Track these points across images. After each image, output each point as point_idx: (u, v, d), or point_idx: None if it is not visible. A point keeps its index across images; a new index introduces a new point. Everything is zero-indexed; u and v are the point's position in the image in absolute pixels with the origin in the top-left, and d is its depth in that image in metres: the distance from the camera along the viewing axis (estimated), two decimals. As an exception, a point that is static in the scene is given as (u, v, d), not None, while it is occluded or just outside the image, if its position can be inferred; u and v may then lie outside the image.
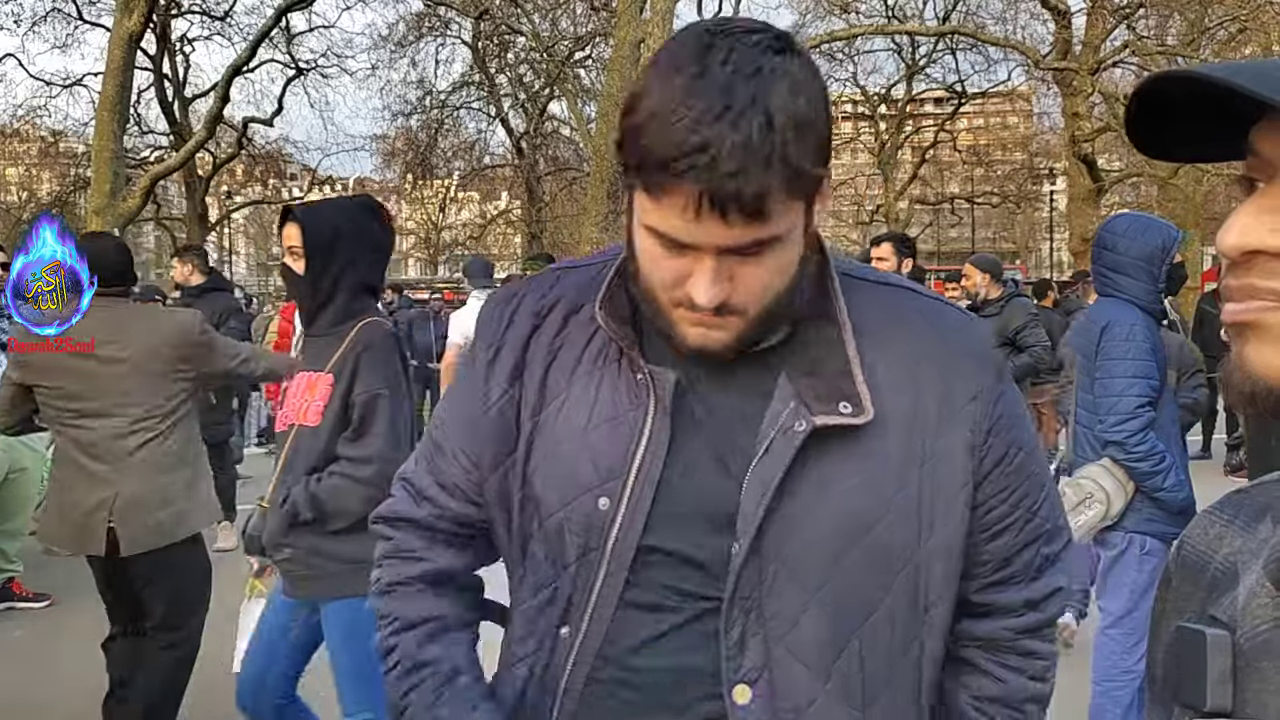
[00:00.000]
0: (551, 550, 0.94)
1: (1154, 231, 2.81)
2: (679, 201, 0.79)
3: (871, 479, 0.89)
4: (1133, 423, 2.68)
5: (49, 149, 25.29)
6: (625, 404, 0.91)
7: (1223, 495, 0.66)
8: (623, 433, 0.91)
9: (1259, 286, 0.53)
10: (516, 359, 0.98)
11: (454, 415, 1.04)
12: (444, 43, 22.99)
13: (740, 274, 0.84)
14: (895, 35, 22.86)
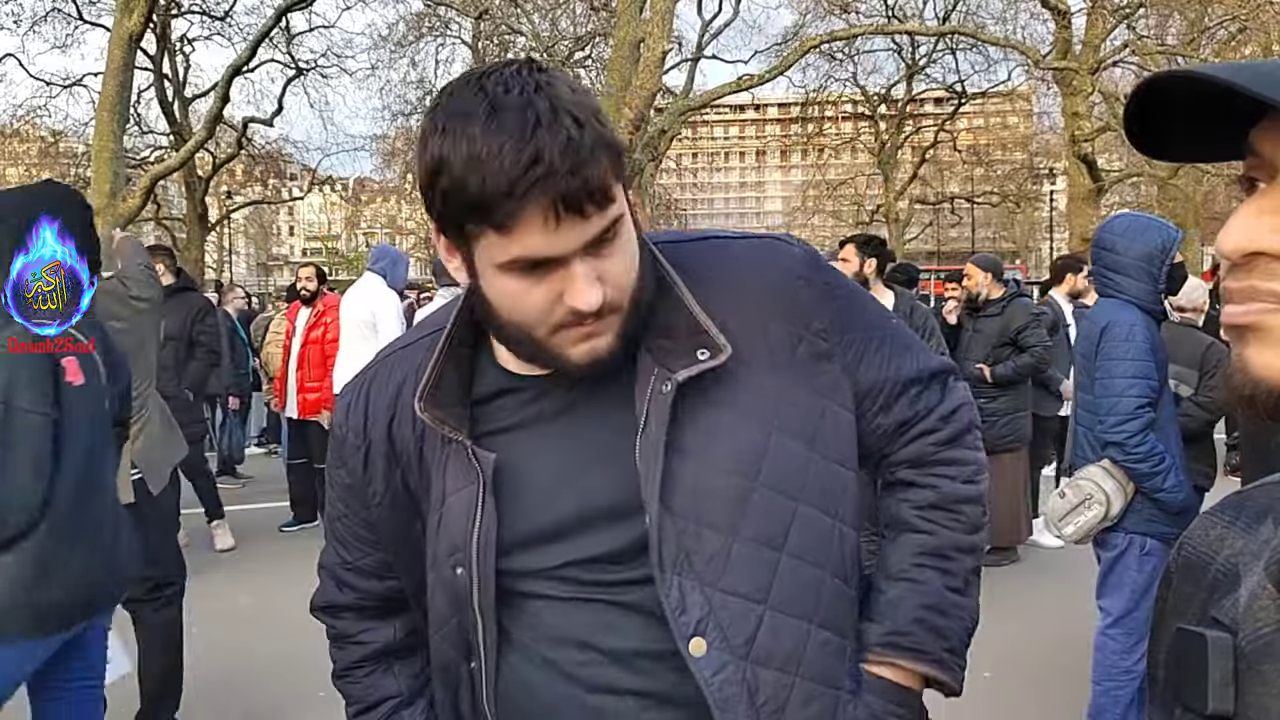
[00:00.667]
0: (439, 603, 1.03)
1: (1154, 231, 2.81)
2: (535, 220, 0.82)
3: (749, 412, 0.94)
4: (1132, 423, 2.68)
5: (49, 149, 25.29)
6: (463, 480, 0.97)
7: (1223, 497, 0.66)
8: (463, 508, 0.97)
9: (1260, 288, 0.53)
10: (386, 450, 1.03)
11: (347, 510, 1.11)
12: (444, 43, 23.00)
13: (605, 270, 0.87)
14: (895, 35, 22.86)
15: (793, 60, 16.95)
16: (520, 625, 0.99)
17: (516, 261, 0.85)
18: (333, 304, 6.44)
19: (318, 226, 53.26)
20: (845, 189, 35.40)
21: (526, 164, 0.80)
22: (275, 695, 3.75)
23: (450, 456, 0.98)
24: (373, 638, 1.16)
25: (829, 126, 32.41)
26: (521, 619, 0.98)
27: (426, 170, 0.85)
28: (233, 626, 4.57)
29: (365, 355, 5.03)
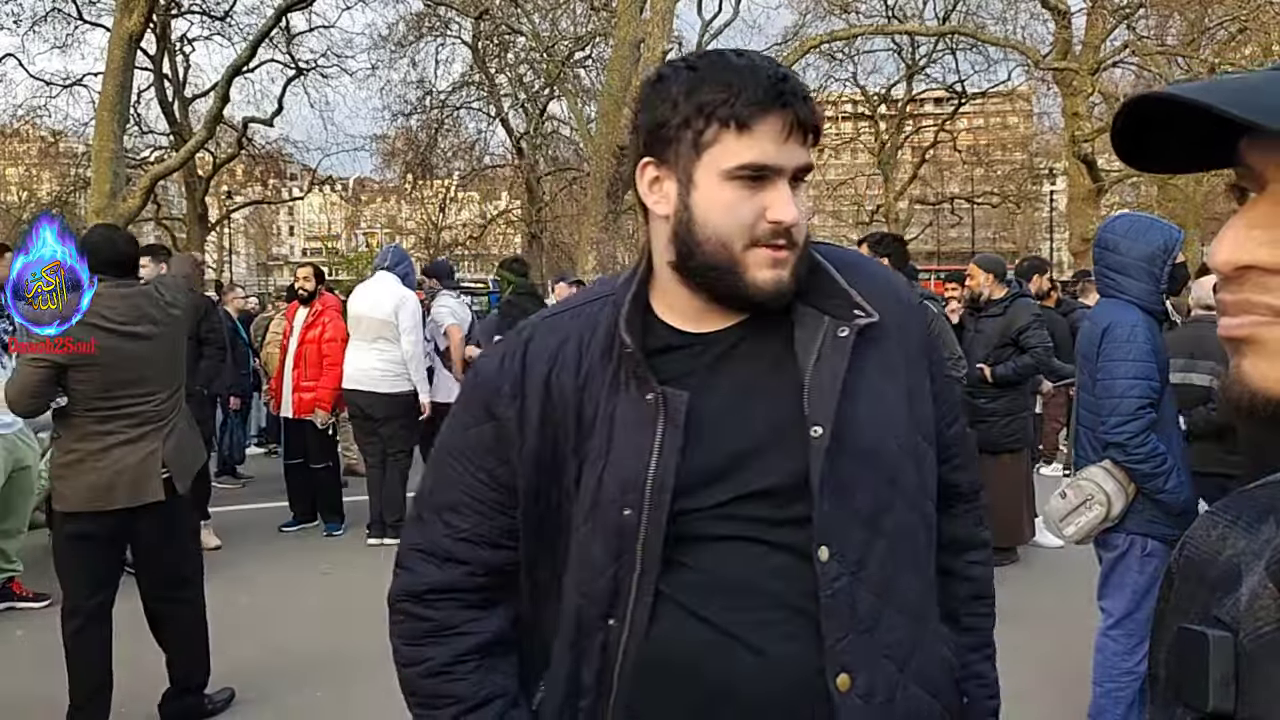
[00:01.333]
0: (595, 553, 1.04)
1: (1155, 232, 2.81)
2: (774, 127, 0.99)
3: (891, 378, 1.08)
4: (1134, 424, 2.68)
5: (49, 149, 25.27)
6: (638, 423, 1.03)
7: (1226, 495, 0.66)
8: (637, 449, 1.02)
9: (1253, 301, 0.53)
10: (543, 400, 1.07)
11: (476, 469, 1.10)
12: (444, 43, 22.99)
13: (795, 203, 1.02)
14: (895, 35, 22.85)
15: (793, 60, 16.93)
16: (676, 573, 1.03)
17: (744, 167, 0.99)
18: (331, 304, 6.44)
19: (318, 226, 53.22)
20: (845, 189, 35.38)
21: (779, 79, 0.99)
22: (275, 695, 3.75)
23: (620, 403, 1.04)
24: (480, 628, 1.11)
25: (829, 126, 32.37)
26: (680, 565, 1.03)
27: (682, 86, 1.01)
28: (233, 627, 4.56)
29: (387, 352, 5.09)
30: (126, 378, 3.17)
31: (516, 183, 27.25)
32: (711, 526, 1.03)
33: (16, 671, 4.04)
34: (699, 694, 1.02)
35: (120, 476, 3.15)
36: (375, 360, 5.84)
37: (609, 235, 14.19)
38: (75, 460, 3.16)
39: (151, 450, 3.19)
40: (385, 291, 5.92)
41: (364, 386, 5.87)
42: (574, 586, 1.06)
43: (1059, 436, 7.92)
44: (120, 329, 3.16)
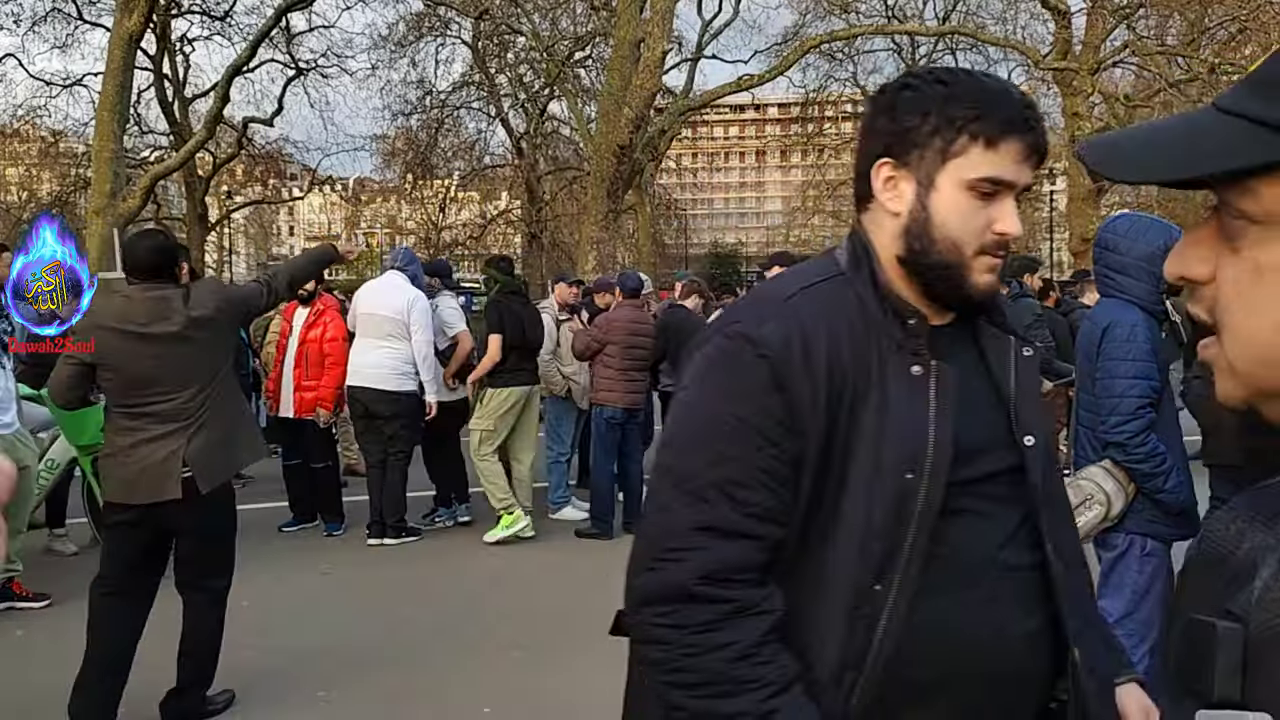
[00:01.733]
0: (875, 517, 1.10)
1: (1155, 231, 2.81)
2: (1016, 148, 1.10)
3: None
4: (1134, 424, 2.68)
5: (49, 149, 25.28)
6: (910, 394, 1.11)
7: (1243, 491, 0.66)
8: (916, 418, 1.11)
9: (1192, 311, 0.62)
10: (827, 373, 1.11)
11: (765, 444, 1.10)
12: (444, 43, 23.00)
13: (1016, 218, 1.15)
14: (895, 35, 22.83)
15: (793, 60, 16.95)
16: (943, 541, 1.10)
17: (985, 180, 1.10)
18: (330, 304, 6.44)
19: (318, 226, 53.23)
20: (845, 189, 35.33)
21: (1026, 105, 1.12)
22: (276, 695, 3.75)
23: (889, 376, 1.12)
24: (773, 605, 1.09)
25: (829, 126, 32.38)
26: (947, 532, 1.11)
27: (935, 98, 1.12)
28: (233, 627, 4.56)
29: (395, 351, 5.07)
30: (144, 378, 3.24)
31: (516, 182, 27.27)
32: (969, 502, 1.12)
33: (17, 671, 4.04)
34: (956, 659, 1.10)
35: (143, 474, 3.24)
36: (383, 358, 5.83)
37: (609, 234, 14.20)
38: (110, 454, 3.35)
39: (173, 450, 3.24)
40: (396, 290, 5.92)
41: (370, 384, 5.87)
42: (847, 554, 1.09)
43: (1059, 436, 7.91)
44: (134, 331, 3.22)
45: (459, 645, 4.27)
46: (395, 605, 4.86)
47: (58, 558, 5.61)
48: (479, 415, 6.22)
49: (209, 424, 3.30)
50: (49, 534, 5.79)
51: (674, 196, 40.13)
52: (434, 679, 3.91)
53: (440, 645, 4.23)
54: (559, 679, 3.89)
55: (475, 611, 4.79)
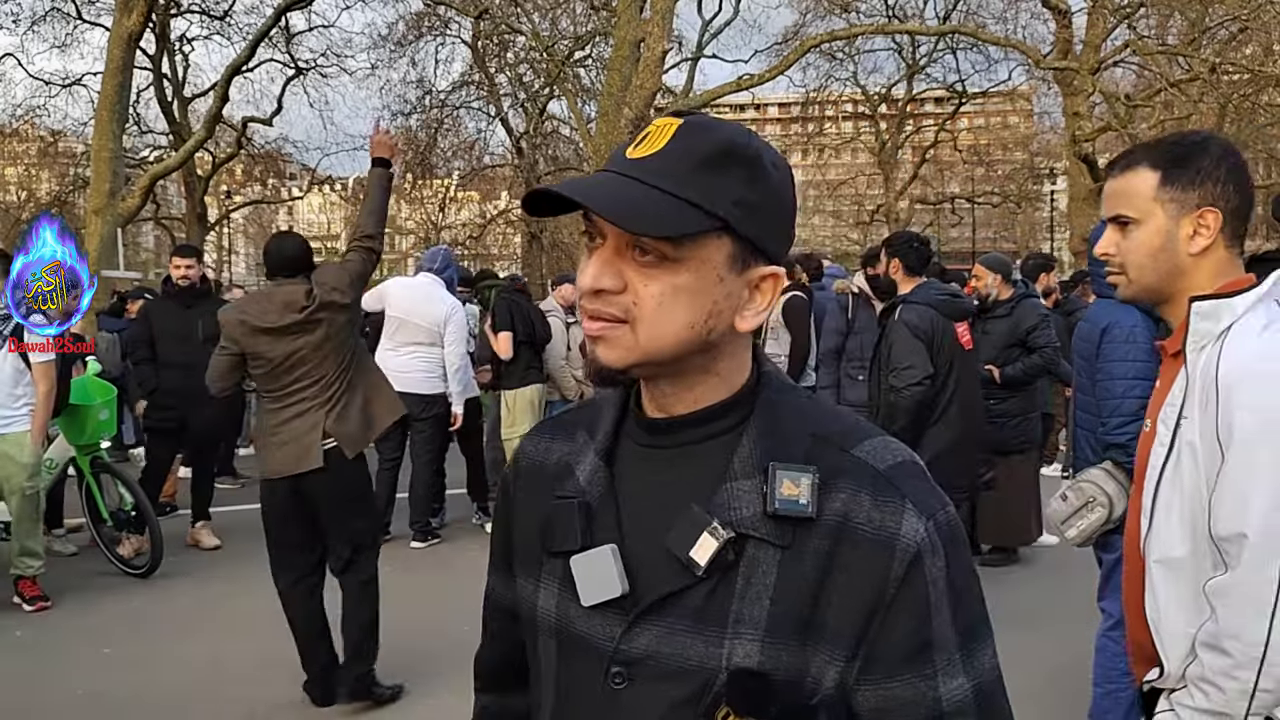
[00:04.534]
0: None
1: (1154, 232, 2.80)
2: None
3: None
4: (1135, 425, 2.65)
5: (48, 149, 25.26)
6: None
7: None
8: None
9: (603, 310, 0.83)
10: None
11: None
12: (444, 42, 22.96)
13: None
14: (895, 35, 22.83)
15: (793, 60, 16.92)
16: None
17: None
18: None
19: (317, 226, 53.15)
20: (845, 189, 35.35)
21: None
22: (275, 695, 3.74)
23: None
24: None
25: (829, 126, 32.38)
26: None
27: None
28: (232, 627, 4.56)
29: (428, 356, 5.37)
30: (289, 364, 3.52)
31: (516, 182, 27.23)
32: None
33: (17, 671, 4.04)
34: None
35: (289, 448, 3.53)
36: (414, 362, 5.75)
37: (609, 235, 14.19)
38: (261, 434, 3.66)
39: (315, 423, 3.53)
40: (434, 298, 5.84)
41: (401, 388, 5.81)
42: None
43: (1059, 437, 7.91)
44: (274, 325, 3.49)
45: (459, 645, 4.26)
46: (395, 606, 4.85)
47: (58, 558, 5.61)
48: (509, 423, 6.15)
49: (347, 396, 3.60)
50: (49, 534, 5.79)
51: (674, 196, 40.03)
52: (434, 679, 3.91)
53: (440, 646, 4.23)
54: (559, 680, 3.88)
55: (475, 612, 4.78)
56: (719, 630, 0.81)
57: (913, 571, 0.80)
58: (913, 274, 4.35)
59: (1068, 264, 21.39)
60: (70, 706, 3.69)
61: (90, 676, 3.96)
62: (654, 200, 0.78)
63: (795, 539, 0.81)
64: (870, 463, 0.83)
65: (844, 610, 0.80)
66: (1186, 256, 1.51)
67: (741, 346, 0.88)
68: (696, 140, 0.81)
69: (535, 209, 0.86)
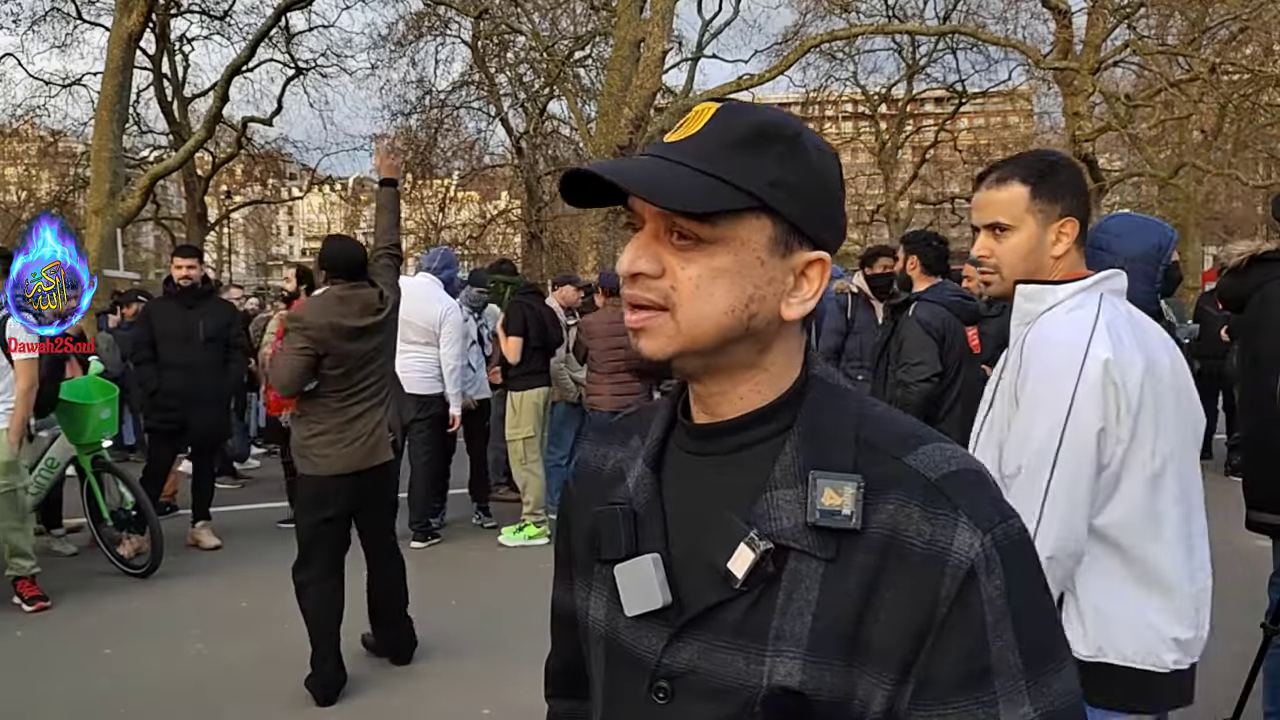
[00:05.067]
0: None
1: (1150, 231, 2.79)
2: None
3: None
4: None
5: (48, 149, 25.26)
6: None
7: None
8: None
9: (640, 296, 0.80)
10: None
11: None
12: (444, 42, 22.97)
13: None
14: (895, 35, 22.84)
15: (793, 60, 16.92)
16: None
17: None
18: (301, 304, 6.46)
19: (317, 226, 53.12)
20: (846, 189, 35.26)
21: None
22: (275, 695, 3.75)
23: None
24: None
25: (829, 126, 32.37)
26: None
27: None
28: (232, 628, 4.56)
29: (424, 357, 5.32)
30: (361, 363, 3.75)
31: (516, 182, 27.24)
32: None
33: (17, 671, 4.04)
34: None
35: (364, 444, 3.73)
36: (410, 362, 5.74)
37: (609, 235, 14.18)
38: (322, 433, 3.71)
39: (379, 419, 3.79)
40: (429, 298, 5.83)
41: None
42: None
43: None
44: (355, 325, 3.70)
45: (459, 646, 4.27)
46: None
47: (58, 558, 5.61)
48: (514, 424, 6.16)
49: (391, 393, 3.89)
50: (48, 534, 5.79)
51: (674, 196, 40.06)
52: (434, 680, 3.91)
53: (440, 646, 4.23)
54: (559, 679, 3.89)
55: (476, 613, 4.79)
56: (759, 647, 0.78)
57: (966, 590, 0.74)
58: (930, 272, 4.36)
59: (1068, 264, 21.38)
60: (70, 706, 3.69)
61: (90, 676, 3.96)
62: (683, 177, 0.77)
63: (840, 552, 0.77)
64: (922, 471, 0.78)
65: (892, 630, 0.75)
66: (1050, 259, 1.77)
67: (791, 341, 0.85)
68: (733, 121, 0.79)
69: (575, 200, 0.84)
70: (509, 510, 6.50)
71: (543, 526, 6.05)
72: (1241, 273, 3.16)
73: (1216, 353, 7.46)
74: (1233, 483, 5.03)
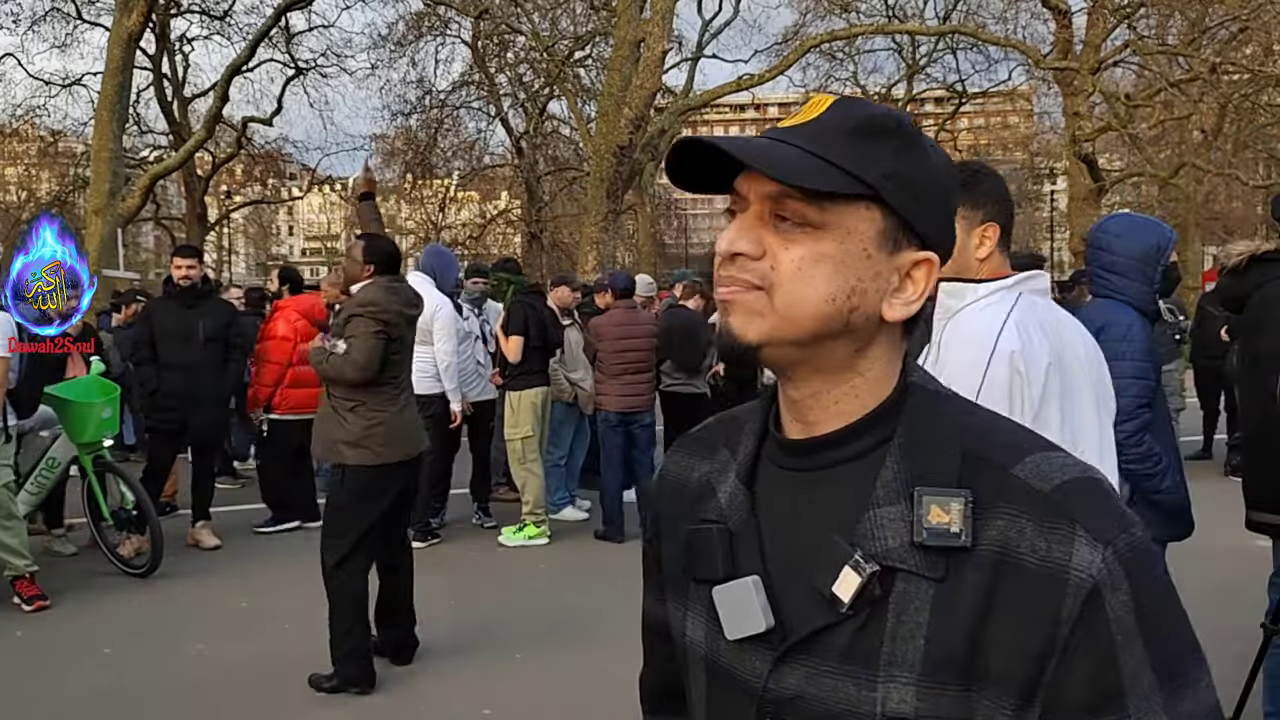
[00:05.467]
0: None
1: (1149, 232, 2.80)
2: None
3: None
4: (1131, 424, 2.66)
5: (48, 149, 25.28)
6: None
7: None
8: None
9: (737, 277, 0.77)
10: None
11: None
12: (444, 42, 22.98)
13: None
14: (895, 35, 22.85)
15: (793, 60, 16.94)
16: None
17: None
18: (284, 305, 6.46)
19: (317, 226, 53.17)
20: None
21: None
22: (273, 695, 3.75)
23: None
24: None
25: (829, 126, 32.39)
26: None
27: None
28: (232, 627, 4.56)
29: (423, 354, 5.13)
30: (408, 350, 3.97)
31: (516, 182, 27.26)
32: None
33: (17, 671, 4.04)
34: None
35: (414, 431, 3.94)
36: (414, 362, 5.73)
37: (609, 235, 14.18)
38: (380, 422, 3.78)
39: (415, 408, 4.01)
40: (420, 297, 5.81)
41: None
42: None
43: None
44: (411, 314, 3.94)
45: (459, 646, 4.27)
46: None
47: (58, 558, 5.61)
48: (513, 424, 6.14)
49: (411, 398, 4.04)
50: (49, 534, 5.79)
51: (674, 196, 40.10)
52: (434, 680, 3.92)
53: (440, 646, 4.23)
54: (559, 681, 3.89)
55: (475, 612, 4.79)
56: (870, 673, 0.74)
57: (1090, 609, 0.69)
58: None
59: (1067, 264, 21.42)
60: (70, 706, 3.69)
61: (90, 676, 3.96)
62: (798, 156, 0.75)
63: (949, 571, 0.73)
64: (1032, 483, 0.73)
65: (1010, 652, 0.71)
66: (975, 261, 1.89)
67: (890, 346, 0.81)
68: (850, 111, 0.78)
69: (684, 182, 0.82)
70: (509, 510, 6.50)
71: (542, 526, 6.05)
72: (1241, 273, 3.16)
73: (1217, 353, 7.45)
74: (1233, 483, 5.03)
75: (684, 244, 45.87)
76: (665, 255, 35.47)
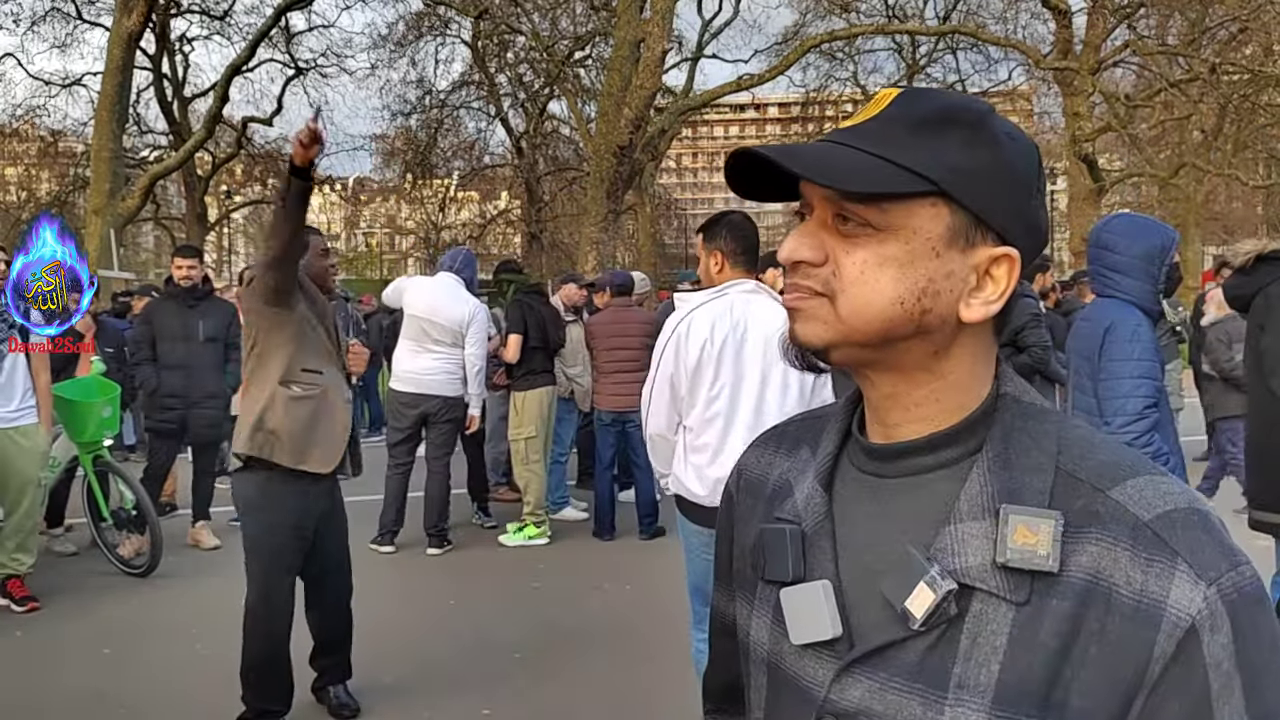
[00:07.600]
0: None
1: (1153, 232, 2.80)
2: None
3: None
4: (1140, 423, 2.66)
5: (48, 149, 25.27)
6: None
7: None
8: None
9: (800, 284, 0.76)
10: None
11: None
12: (444, 42, 22.98)
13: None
14: (895, 35, 22.84)
15: (793, 60, 16.94)
16: None
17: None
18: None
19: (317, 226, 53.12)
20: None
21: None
22: (275, 696, 3.74)
23: None
24: None
25: (829, 126, 32.37)
26: None
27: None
28: (232, 627, 4.55)
29: (450, 358, 5.44)
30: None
31: (516, 182, 27.25)
32: None
33: (17, 671, 4.04)
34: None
35: (336, 440, 3.68)
36: (438, 364, 5.69)
37: (609, 235, 14.19)
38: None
39: (346, 420, 3.82)
40: (455, 299, 5.75)
41: (429, 390, 5.72)
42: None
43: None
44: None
45: (458, 646, 4.26)
46: (394, 606, 4.85)
47: (58, 558, 5.60)
48: (516, 424, 6.13)
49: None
50: (48, 534, 5.78)
51: (674, 196, 40.16)
52: (433, 680, 3.91)
53: (439, 646, 4.22)
54: (558, 681, 3.88)
55: (474, 612, 4.78)
56: (938, 694, 0.70)
57: (1186, 650, 0.65)
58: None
59: (1068, 264, 21.41)
60: (70, 706, 3.68)
61: (90, 676, 3.95)
62: (852, 158, 0.72)
63: (1032, 595, 0.69)
64: (1132, 509, 0.69)
65: (1093, 688, 0.67)
66: (714, 276, 2.95)
67: (975, 348, 0.77)
68: (914, 104, 0.74)
69: (744, 191, 0.79)
70: (509, 510, 6.49)
71: (543, 526, 6.04)
72: (1247, 272, 3.16)
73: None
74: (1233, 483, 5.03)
75: (684, 244, 45.85)
76: (665, 255, 35.47)
